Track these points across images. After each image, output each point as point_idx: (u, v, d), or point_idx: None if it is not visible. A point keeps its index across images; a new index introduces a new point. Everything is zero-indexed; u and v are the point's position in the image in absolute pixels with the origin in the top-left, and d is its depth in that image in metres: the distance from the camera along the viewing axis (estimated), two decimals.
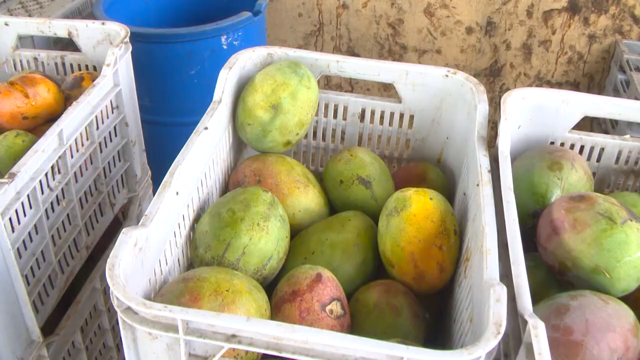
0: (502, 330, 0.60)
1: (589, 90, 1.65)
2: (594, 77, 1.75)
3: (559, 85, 1.75)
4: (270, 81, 0.86)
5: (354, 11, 1.71)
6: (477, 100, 0.84)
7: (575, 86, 1.73)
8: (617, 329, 0.66)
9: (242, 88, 0.90)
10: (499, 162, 0.78)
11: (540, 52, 1.73)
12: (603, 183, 0.92)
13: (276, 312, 0.72)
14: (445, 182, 0.92)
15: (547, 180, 0.81)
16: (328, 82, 1.82)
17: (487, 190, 0.74)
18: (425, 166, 0.92)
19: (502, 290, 0.63)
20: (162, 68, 1.45)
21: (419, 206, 0.77)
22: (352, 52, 1.76)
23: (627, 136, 0.90)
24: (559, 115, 0.88)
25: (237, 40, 1.47)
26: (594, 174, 0.92)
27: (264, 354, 0.69)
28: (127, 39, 1.01)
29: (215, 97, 0.86)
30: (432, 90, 0.90)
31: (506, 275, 0.68)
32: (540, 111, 0.87)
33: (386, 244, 0.78)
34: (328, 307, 0.71)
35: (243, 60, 0.90)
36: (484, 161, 0.78)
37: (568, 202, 0.75)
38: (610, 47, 1.70)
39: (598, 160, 0.91)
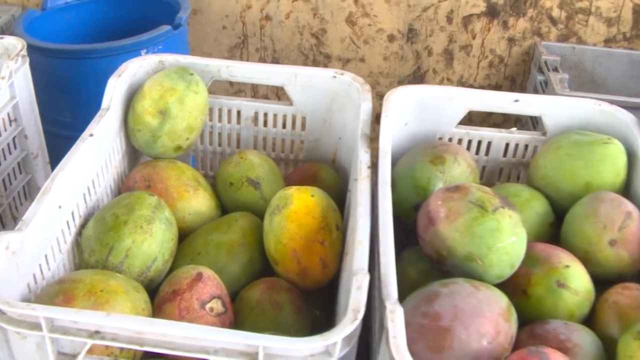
0: (360, 316, 0.61)
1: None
2: (515, 80, 1.79)
3: (482, 88, 1.78)
4: (158, 87, 0.87)
5: (277, 22, 1.73)
6: (362, 99, 0.86)
7: (497, 89, 1.77)
8: (486, 314, 0.68)
9: (134, 96, 0.90)
10: None
11: (461, 57, 1.76)
12: (493, 176, 0.94)
13: (157, 312, 0.72)
14: (339, 181, 0.93)
15: (429, 174, 0.83)
16: (255, 93, 1.84)
17: (363, 185, 0.76)
18: (318, 166, 0.93)
19: (364, 279, 0.64)
20: (82, 84, 1.44)
21: (300, 203, 0.79)
22: (276, 63, 1.78)
23: (514, 129, 0.92)
24: (445, 111, 0.90)
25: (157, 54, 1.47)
26: (484, 167, 0.94)
27: (147, 353, 0.70)
28: (24, 52, 1.01)
29: (104, 104, 0.87)
30: (321, 92, 0.92)
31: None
32: (425, 108, 0.90)
33: (270, 242, 0.79)
34: (208, 305, 0.72)
35: (134, 68, 0.91)
36: (364, 157, 0.80)
37: (444, 193, 0.76)
38: (530, 49, 1.75)
39: (487, 153, 0.93)
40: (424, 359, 0.65)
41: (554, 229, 0.84)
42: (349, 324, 0.60)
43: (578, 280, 0.74)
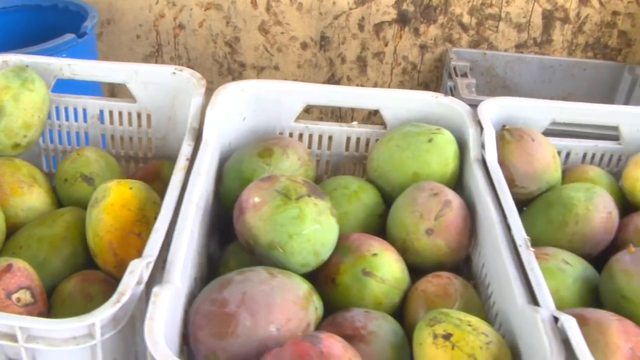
0: (124, 299, 0.61)
1: None
2: (429, 86, 1.80)
3: None
4: None
5: (191, 31, 1.74)
6: (194, 94, 0.86)
7: None
8: (277, 300, 0.67)
9: None
10: None
11: (375, 64, 1.77)
12: (338, 169, 0.95)
13: None
14: None
15: (255, 166, 0.83)
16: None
17: (177, 177, 0.76)
18: (161, 163, 0.93)
19: (140, 263, 0.64)
20: None
21: (117, 196, 0.79)
22: None
23: (355, 123, 0.93)
24: (283, 106, 0.90)
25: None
26: (327, 161, 0.94)
27: None
28: None
29: None
30: (163, 88, 0.92)
31: None
32: (264, 102, 0.90)
33: (89, 235, 0.79)
34: (15, 296, 0.72)
35: None
36: (185, 149, 0.81)
37: (256, 184, 0.76)
38: (442, 56, 1.76)
39: (329, 148, 0.93)
40: (208, 345, 0.65)
41: (384, 220, 0.84)
42: (109, 306, 0.60)
43: (386, 269, 0.74)
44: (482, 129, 0.84)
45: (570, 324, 0.61)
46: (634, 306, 0.73)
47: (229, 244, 0.83)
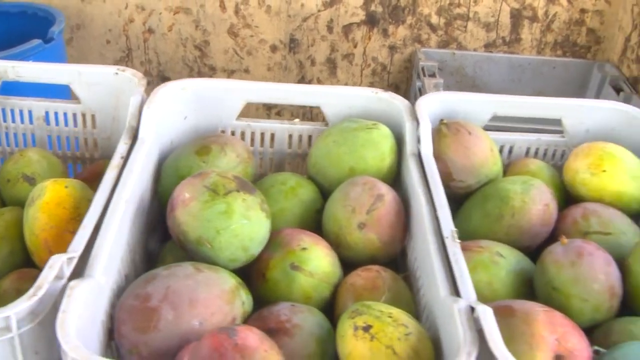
0: (40, 293, 0.61)
1: None
2: (399, 87, 1.81)
3: None
4: None
5: (160, 35, 1.75)
6: (133, 92, 0.87)
7: None
8: (201, 295, 0.68)
9: None
10: None
11: (344, 66, 1.78)
12: (281, 167, 0.95)
13: None
14: None
15: (191, 164, 0.84)
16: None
17: (110, 174, 0.77)
18: (105, 163, 0.93)
19: (59, 259, 0.64)
20: None
21: (53, 194, 0.79)
22: (162, 76, 1.79)
23: (296, 120, 0.93)
24: (225, 104, 0.91)
25: None
26: (271, 159, 0.95)
27: None
28: None
29: None
30: (106, 89, 0.92)
31: None
32: (205, 101, 0.90)
33: (26, 234, 0.80)
34: None
35: None
36: (121, 148, 0.81)
37: (188, 180, 0.77)
38: (412, 56, 1.76)
39: (272, 145, 0.94)
40: (131, 339, 0.65)
41: (321, 216, 0.85)
42: (25, 299, 0.60)
43: (315, 263, 0.75)
44: (419, 123, 0.85)
45: (485, 314, 0.61)
46: (564, 297, 0.73)
47: (168, 241, 0.83)
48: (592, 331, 0.74)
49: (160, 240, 0.87)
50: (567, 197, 0.90)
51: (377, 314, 0.65)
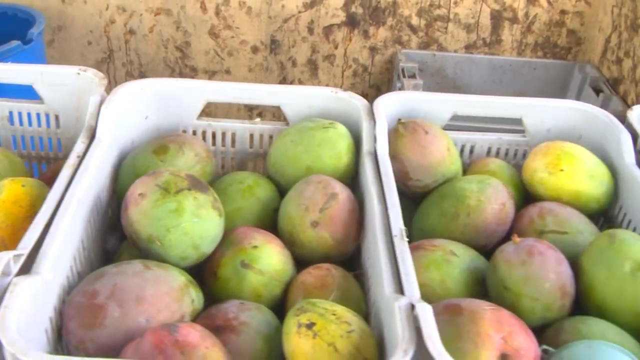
0: None
1: None
2: (380, 88, 1.81)
3: None
4: None
5: (142, 36, 1.75)
6: (94, 92, 0.87)
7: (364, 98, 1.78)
8: (148, 292, 0.68)
9: None
10: None
11: (325, 67, 1.78)
12: (243, 166, 0.95)
13: None
14: None
15: (149, 163, 0.84)
16: None
17: (65, 172, 0.77)
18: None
19: (6, 256, 0.65)
20: None
21: (10, 193, 0.80)
22: (144, 77, 1.80)
23: (258, 119, 0.93)
24: (185, 104, 0.91)
25: None
26: (232, 158, 0.95)
27: None
28: None
29: None
30: (69, 89, 0.93)
31: None
32: (165, 101, 0.91)
33: None
34: None
35: None
36: (78, 147, 0.82)
37: (141, 180, 0.77)
38: (393, 58, 1.77)
39: (233, 145, 0.94)
40: (78, 335, 0.66)
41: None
42: None
43: (265, 261, 0.75)
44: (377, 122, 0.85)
45: (423, 312, 0.61)
46: (515, 296, 0.74)
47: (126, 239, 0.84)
48: (544, 330, 0.74)
49: (120, 239, 0.87)
50: (527, 197, 0.90)
51: (322, 312, 0.66)
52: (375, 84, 1.81)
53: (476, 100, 0.92)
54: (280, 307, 0.75)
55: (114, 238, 0.87)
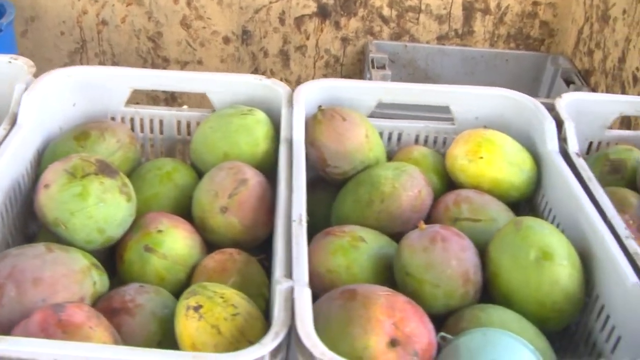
0: None
1: None
2: (352, 78, 1.81)
3: None
4: None
5: (114, 27, 1.77)
6: (19, 80, 0.89)
7: None
8: (46, 274, 0.69)
9: None
10: None
11: (297, 58, 1.79)
12: (171, 152, 0.96)
13: None
14: None
15: (69, 149, 0.85)
16: None
17: None
18: None
19: None
20: None
21: None
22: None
23: (185, 107, 0.95)
24: (112, 91, 0.92)
25: None
26: (160, 145, 0.96)
27: None
28: None
29: None
30: (1, 77, 0.94)
31: None
32: (92, 88, 0.92)
33: None
34: None
35: None
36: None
37: (52, 165, 0.78)
38: (364, 49, 1.77)
39: (161, 132, 0.95)
40: None
41: None
42: None
43: (169, 245, 0.76)
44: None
45: (300, 295, 0.62)
46: (417, 283, 0.74)
47: None
48: (447, 318, 0.74)
49: (41, 224, 0.88)
50: (451, 185, 0.91)
51: (210, 295, 0.66)
52: (347, 74, 1.81)
53: (402, 88, 0.92)
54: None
55: (37, 223, 0.88)
